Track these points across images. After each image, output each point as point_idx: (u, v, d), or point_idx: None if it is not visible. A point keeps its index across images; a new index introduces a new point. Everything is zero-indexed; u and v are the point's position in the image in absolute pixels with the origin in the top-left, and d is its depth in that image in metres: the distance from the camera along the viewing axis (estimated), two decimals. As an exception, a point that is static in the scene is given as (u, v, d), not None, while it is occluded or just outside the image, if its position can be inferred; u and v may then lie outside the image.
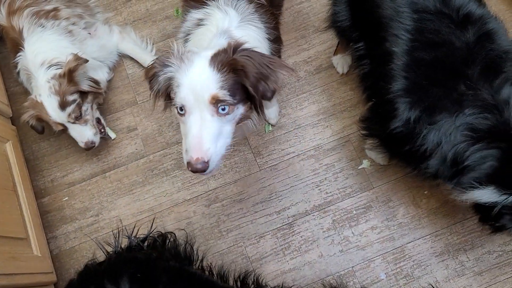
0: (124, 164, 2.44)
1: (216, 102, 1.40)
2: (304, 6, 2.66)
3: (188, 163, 1.42)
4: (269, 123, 2.42)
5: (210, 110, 1.41)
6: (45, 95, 2.14)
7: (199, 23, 1.72)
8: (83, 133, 2.25)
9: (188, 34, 1.75)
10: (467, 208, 2.20)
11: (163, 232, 1.87)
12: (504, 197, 1.57)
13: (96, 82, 2.31)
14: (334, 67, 2.50)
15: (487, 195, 1.59)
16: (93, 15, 2.61)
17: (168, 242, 1.77)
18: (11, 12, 2.26)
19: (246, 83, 1.43)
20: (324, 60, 2.53)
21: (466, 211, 2.22)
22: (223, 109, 1.43)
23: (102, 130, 2.38)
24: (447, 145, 1.58)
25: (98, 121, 2.38)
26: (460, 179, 1.61)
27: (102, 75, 2.46)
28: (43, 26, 2.26)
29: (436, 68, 1.61)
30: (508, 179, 1.56)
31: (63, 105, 2.15)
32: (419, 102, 1.61)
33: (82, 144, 2.26)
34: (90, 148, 2.29)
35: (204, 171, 1.43)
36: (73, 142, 2.46)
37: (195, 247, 2.00)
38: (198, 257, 1.79)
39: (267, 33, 1.73)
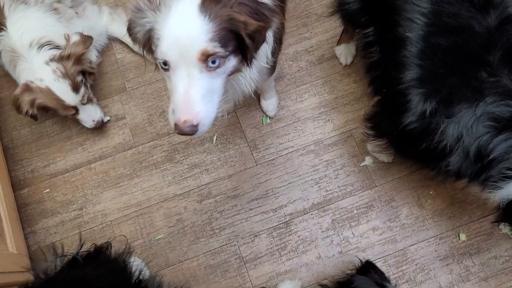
0: (111, 155, 2.28)
1: (206, 57, 1.21)
2: (306, -8, 2.51)
3: (175, 125, 1.25)
4: (267, 115, 2.28)
5: (198, 67, 1.22)
6: (51, 79, 1.98)
7: None
8: (94, 112, 2.17)
9: None
10: (474, 210, 2.11)
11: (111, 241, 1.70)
12: None
13: (89, 61, 2.19)
14: (337, 57, 2.36)
15: None
16: (81, -6, 2.44)
17: (102, 255, 1.60)
18: None
19: (243, 35, 1.24)
20: (326, 50, 2.39)
21: (472, 213, 2.11)
22: (213, 62, 1.23)
23: None
24: (469, 138, 1.45)
25: None
26: (488, 174, 1.47)
27: (90, 58, 2.30)
28: (26, 3, 2.09)
29: (454, 55, 1.48)
30: None
31: (76, 88, 2.03)
32: (435, 93, 1.48)
33: (92, 124, 2.18)
34: (99, 126, 2.22)
35: (193, 134, 1.27)
36: (56, 130, 2.32)
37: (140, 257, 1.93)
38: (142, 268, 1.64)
39: None
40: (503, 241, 2.07)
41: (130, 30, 1.35)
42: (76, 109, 2.10)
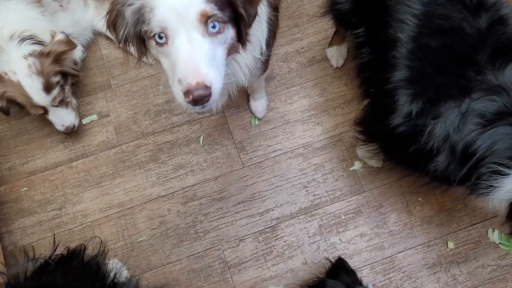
0: (93, 154, 2.21)
1: (206, 19, 1.17)
2: (299, -8, 2.47)
3: (186, 93, 1.15)
4: (255, 116, 2.23)
5: (200, 30, 1.17)
6: (23, 74, 1.90)
7: None
8: (65, 117, 2.07)
9: None
10: (462, 218, 2.08)
11: (84, 244, 1.63)
12: None
13: (75, 62, 2.11)
14: (328, 59, 2.32)
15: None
16: (66, -14, 2.36)
17: (75, 259, 1.53)
18: None
19: (236, 2, 1.21)
20: (318, 51, 2.35)
21: (461, 221, 2.09)
22: (214, 27, 1.19)
23: None
24: (455, 136, 1.42)
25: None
26: (479, 172, 1.43)
27: (75, 54, 2.22)
28: None
29: (443, 55, 1.47)
30: None
31: (48, 88, 1.94)
32: (422, 94, 1.47)
33: (62, 128, 2.08)
34: (70, 132, 2.11)
35: (208, 99, 1.17)
36: (37, 126, 2.23)
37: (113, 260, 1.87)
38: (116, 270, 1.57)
39: None
40: (490, 250, 2.05)
41: (115, 23, 1.28)
42: (45, 109, 2.01)
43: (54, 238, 1.67)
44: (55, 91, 1.98)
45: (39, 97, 1.95)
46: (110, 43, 2.39)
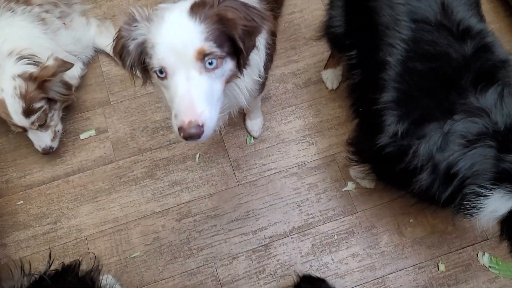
0: (90, 169, 2.23)
1: (203, 57, 1.22)
2: (296, 16, 2.54)
3: (180, 129, 1.22)
4: (251, 135, 2.27)
5: (197, 67, 1.23)
6: (9, 93, 1.94)
7: None
8: (42, 139, 2.10)
9: None
10: (453, 241, 2.11)
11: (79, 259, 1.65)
12: None
13: (69, 86, 2.12)
14: (323, 82, 2.38)
15: (502, 200, 1.45)
16: (70, 5, 2.42)
17: (70, 274, 1.55)
18: None
19: (234, 35, 1.26)
20: (313, 73, 2.40)
21: (452, 243, 2.11)
22: (211, 63, 1.24)
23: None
24: (438, 155, 1.47)
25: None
26: (462, 193, 1.47)
27: (75, 71, 2.27)
28: (13, 11, 2.07)
29: (429, 79, 1.53)
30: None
31: (27, 113, 1.98)
32: (408, 115, 1.52)
33: (39, 149, 2.12)
34: (47, 153, 2.14)
35: (199, 136, 1.23)
36: (35, 140, 2.25)
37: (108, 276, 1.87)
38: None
39: None
40: (481, 273, 2.07)
41: (121, 52, 1.34)
42: (24, 129, 2.06)
43: (50, 252, 1.69)
44: (34, 117, 2.00)
45: (18, 119, 1.99)
46: (110, 61, 2.44)
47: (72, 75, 2.21)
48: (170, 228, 2.13)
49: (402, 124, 1.53)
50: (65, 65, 2.02)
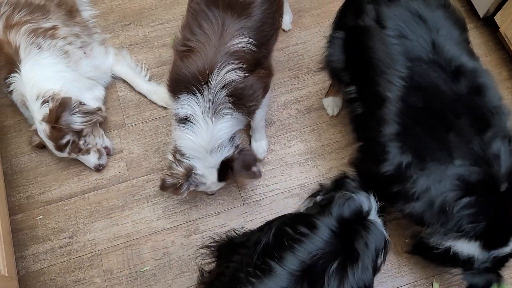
0: (105, 187, 2.39)
1: None
2: (299, 47, 2.72)
3: None
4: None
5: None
6: (43, 136, 2.19)
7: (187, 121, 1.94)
8: (89, 161, 2.32)
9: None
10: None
11: None
12: (484, 255, 1.62)
13: (90, 113, 2.23)
14: (324, 108, 2.54)
15: (469, 248, 1.60)
16: (91, 35, 2.61)
17: None
18: (8, 26, 2.21)
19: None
20: (315, 101, 2.57)
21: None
22: None
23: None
24: (435, 191, 1.60)
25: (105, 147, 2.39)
26: (445, 226, 1.61)
27: (99, 93, 2.45)
28: (40, 47, 2.21)
29: (428, 117, 1.65)
30: (493, 237, 1.60)
31: (59, 149, 2.20)
32: (411, 147, 1.64)
33: (92, 168, 2.35)
34: (98, 170, 2.38)
35: None
36: (55, 159, 2.42)
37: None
38: None
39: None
40: (473, 292, 2.17)
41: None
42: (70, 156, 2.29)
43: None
44: (67, 150, 2.21)
45: (57, 153, 2.25)
46: (126, 86, 2.62)
47: (97, 97, 2.38)
48: (179, 244, 2.26)
49: (405, 156, 1.64)
50: (64, 102, 2.11)
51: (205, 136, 1.90)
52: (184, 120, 1.92)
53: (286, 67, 2.65)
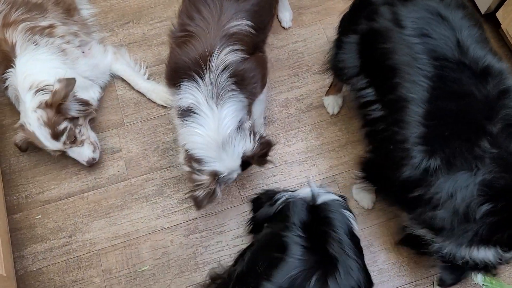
0: (104, 186, 2.37)
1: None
2: (299, 45, 2.70)
3: None
4: None
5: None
6: (35, 125, 2.11)
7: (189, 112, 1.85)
8: (82, 154, 2.26)
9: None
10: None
11: None
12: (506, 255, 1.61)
13: (85, 103, 2.26)
14: (324, 107, 2.52)
15: (487, 255, 1.59)
16: (89, 33, 2.60)
17: None
18: (5, 24, 2.20)
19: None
20: (315, 99, 2.55)
21: (446, 262, 2.20)
22: None
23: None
24: (461, 198, 1.55)
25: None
26: (466, 233, 1.59)
27: (93, 95, 2.43)
28: (37, 44, 2.20)
29: (458, 119, 1.59)
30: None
31: (56, 136, 2.14)
32: (439, 151, 1.58)
33: (84, 163, 2.28)
34: (92, 165, 2.31)
35: None
36: (53, 158, 2.40)
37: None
38: None
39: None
40: (474, 291, 2.16)
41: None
42: (62, 151, 2.22)
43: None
44: (64, 137, 2.15)
45: (51, 144, 2.16)
46: (125, 85, 2.60)
47: (91, 98, 2.36)
48: (178, 243, 2.25)
49: (434, 160, 1.57)
50: (70, 82, 2.11)
51: (213, 125, 1.80)
52: (187, 112, 1.83)
53: (286, 65, 2.63)
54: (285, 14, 2.69)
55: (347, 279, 1.40)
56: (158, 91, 2.53)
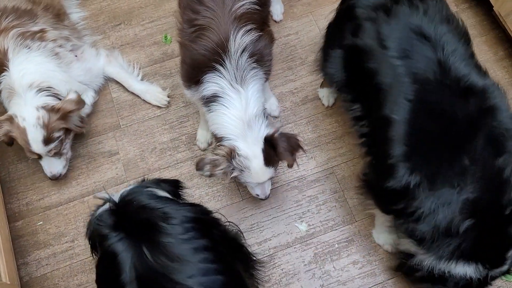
0: (103, 189, 2.38)
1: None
2: (292, 38, 2.69)
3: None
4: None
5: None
6: (31, 123, 2.10)
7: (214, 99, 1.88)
8: (55, 166, 2.25)
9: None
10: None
11: None
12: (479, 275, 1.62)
13: (82, 119, 2.29)
14: (319, 99, 2.52)
15: (466, 270, 1.60)
16: (81, 37, 2.60)
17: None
18: None
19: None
20: (310, 91, 2.55)
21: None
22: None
23: None
24: (443, 215, 1.56)
25: None
26: (446, 248, 1.60)
27: (87, 100, 2.43)
28: (29, 48, 2.21)
29: (438, 139, 1.60)
30: (493, 258, 1.61)
31: (47, 141, 2.13)
32: (420, 169, 1.59)
33: (49, 174, 2.27)
34: (56, 179, 2.30)
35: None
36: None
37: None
38: None
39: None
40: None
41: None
42: (39, 156, 2.20)
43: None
44: (53, 145, 2.15)
45: (37, 147, 2.13)
46: (119, 87, 2.60)
47: (81, 116, 2.35)
48: (180, 242, 2.26)
49: (415, 176, 1.58)
50: (82, 103, 2.19)
51: (239, 106, 1.84)
52: (213, 98, 1.87)
53: (279, 59, 2.62)
54: (276, 7, 2.68)
55: (174, 228, 1.47)
56: (153, 92, 2.53)
